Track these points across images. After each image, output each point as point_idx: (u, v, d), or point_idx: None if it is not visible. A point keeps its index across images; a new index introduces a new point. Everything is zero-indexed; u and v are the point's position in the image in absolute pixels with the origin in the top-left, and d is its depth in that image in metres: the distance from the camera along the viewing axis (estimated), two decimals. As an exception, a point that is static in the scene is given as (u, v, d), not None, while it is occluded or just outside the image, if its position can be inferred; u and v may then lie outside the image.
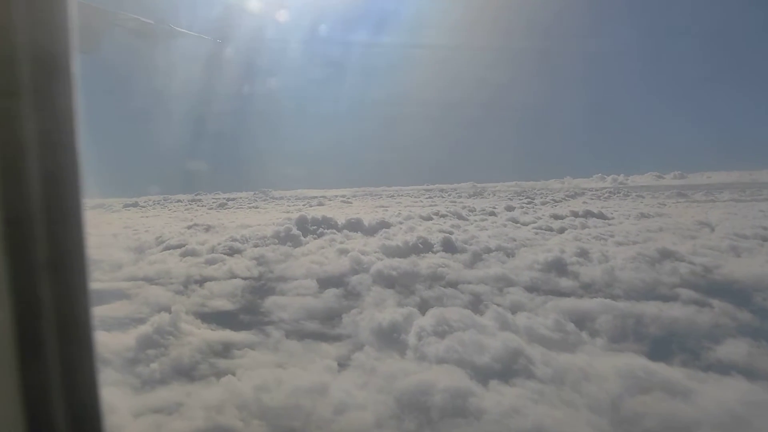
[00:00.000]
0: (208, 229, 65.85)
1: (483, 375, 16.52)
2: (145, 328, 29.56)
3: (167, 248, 52.22)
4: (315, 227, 57.33)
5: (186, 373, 25.11)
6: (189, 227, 67.51)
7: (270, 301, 33.93)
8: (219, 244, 51.52)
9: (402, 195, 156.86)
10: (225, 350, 27.60)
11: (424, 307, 25.87)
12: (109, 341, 29.04)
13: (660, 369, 16.65)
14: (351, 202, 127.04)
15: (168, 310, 32.54)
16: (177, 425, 17.17)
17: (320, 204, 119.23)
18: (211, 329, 31.04)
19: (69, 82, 1.78)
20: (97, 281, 43.53)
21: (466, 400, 14.84)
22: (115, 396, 21.41)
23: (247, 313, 33.22)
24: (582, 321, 22.53)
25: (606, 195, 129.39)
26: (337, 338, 25.97)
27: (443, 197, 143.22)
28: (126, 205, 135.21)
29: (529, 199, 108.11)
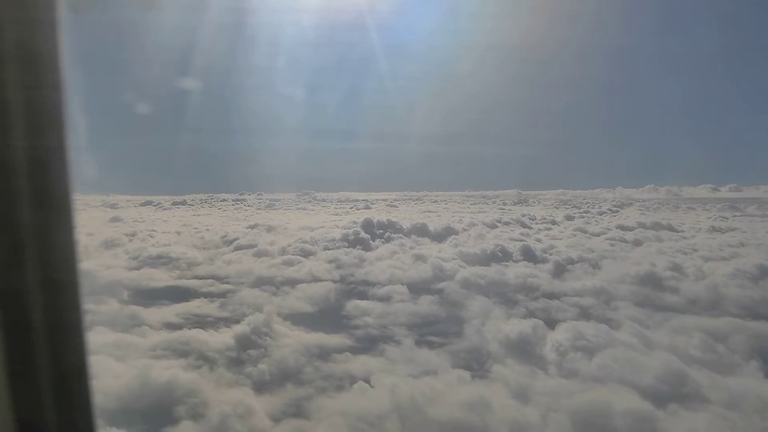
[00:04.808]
0: (270, 229, 66.20)
1: (656, 397, 15.77)
2: (241, 328, 29.54)
3: (238, 248, 52.66)
4: (381, 231, 57.07)
5: (294, 375, 24.96)
6: (251, 227, 68.01)
7: (358, 305, 33.64)
8: (289, 245, 51.62)
9: (445, 201, 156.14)
10: (324, 354, 27.34)
11: (537, 319, 25.16)
12: (207, 339, 29.09)
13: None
14: (397, 206, 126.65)
15: (258, 309, 32.68)
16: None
17: (367, 207, 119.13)
18: (305, 332, 30.80)
19: (58, 78, 1.76)
20: (177, 278, 44.09)
21: (654, 426, 14.11)
22: (241, 396, 21.30)
23: (336, 317, 32.96)
24: (717, 340, 21.51)
25: (655, 206, 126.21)
26: (446, 346, 25.39)
27: (488, 204, 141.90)
28: (175, 203, 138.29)
29: (583, 209, 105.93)
